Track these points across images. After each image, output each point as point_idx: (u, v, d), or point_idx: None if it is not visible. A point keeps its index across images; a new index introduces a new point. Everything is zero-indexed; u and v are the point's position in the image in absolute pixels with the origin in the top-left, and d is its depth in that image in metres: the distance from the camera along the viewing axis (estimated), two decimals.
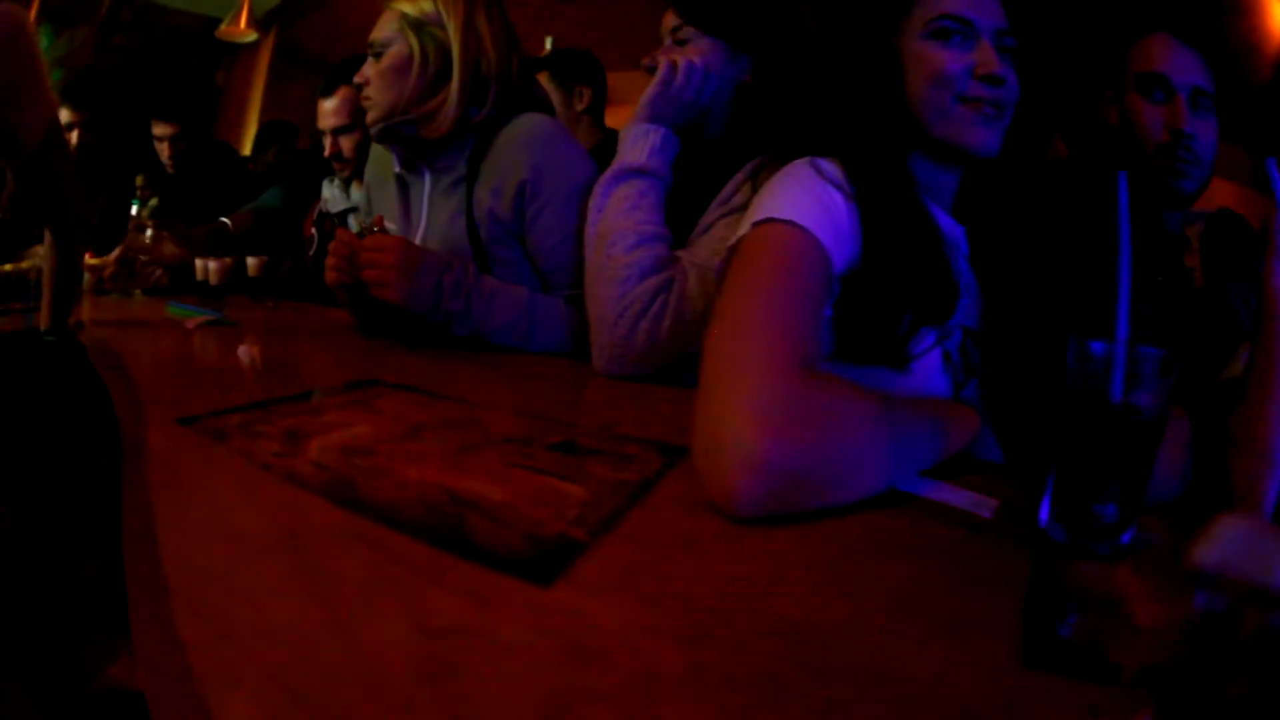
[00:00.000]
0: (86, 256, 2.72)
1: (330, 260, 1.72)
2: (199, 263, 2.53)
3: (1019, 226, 1.17)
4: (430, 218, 1.86)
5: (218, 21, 5.87)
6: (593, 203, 1.52)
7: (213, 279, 2.49)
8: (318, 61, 6.55)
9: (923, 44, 1.12)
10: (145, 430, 1.05)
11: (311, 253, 2.95)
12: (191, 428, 1.05)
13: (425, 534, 0.71)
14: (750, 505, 0.74)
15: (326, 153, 2.77)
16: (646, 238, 1.45)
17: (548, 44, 4.85)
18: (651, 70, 1.53)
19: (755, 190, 1.23)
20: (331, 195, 2.90)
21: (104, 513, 1.87)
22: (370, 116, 1.77)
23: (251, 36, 5.76)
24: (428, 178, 1.86)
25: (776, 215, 1.00)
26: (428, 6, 1.72)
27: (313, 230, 2.98)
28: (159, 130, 3.16)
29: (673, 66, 1.49)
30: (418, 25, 1.70)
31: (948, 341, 1.10)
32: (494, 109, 1.75)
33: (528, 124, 1.74)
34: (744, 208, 1.22)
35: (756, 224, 1.02)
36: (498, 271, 1.76)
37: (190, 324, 2.01)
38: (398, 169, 1.89)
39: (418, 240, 1.86)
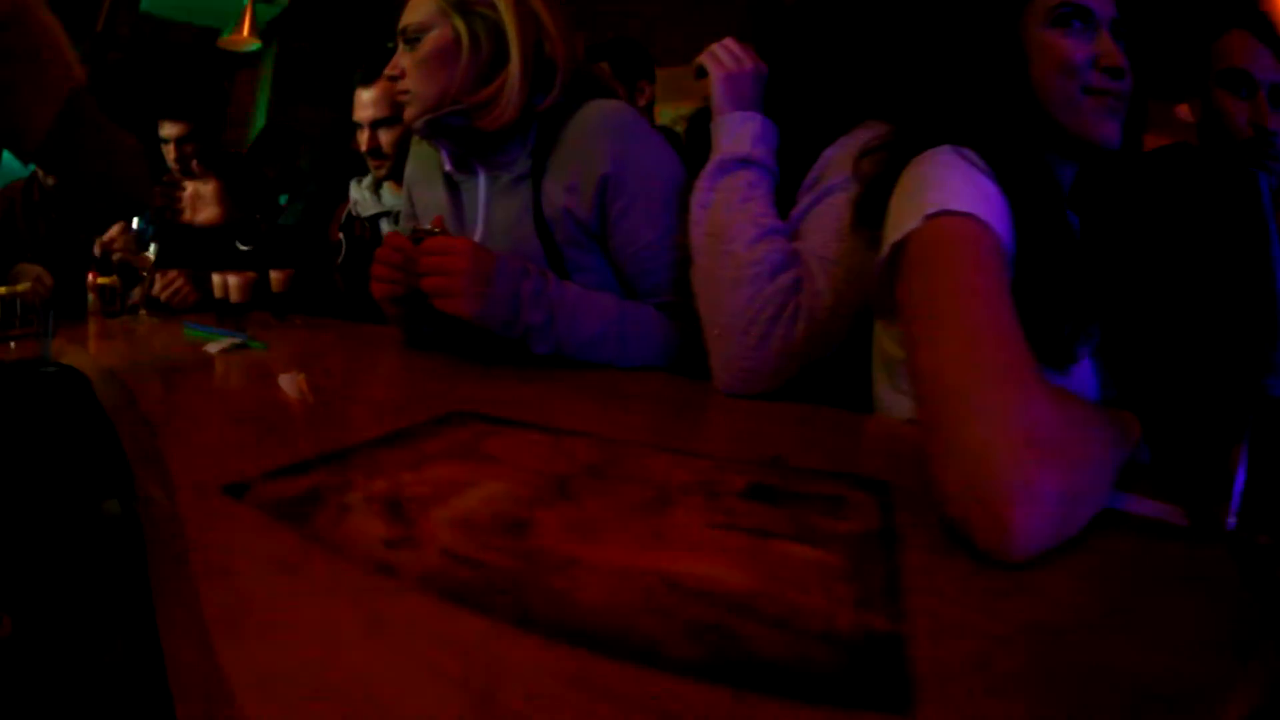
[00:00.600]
0: (91, 276, 2.58)
1: (379, 269, 1.58)
2: (217, 278, 2.24)
3: (1135, 219, 1.17)
4: (489, 220, 1.68)
5: (213, 33, 5.73)
6: (696, 199, 1.40)
7: (234, 296, 2.21)
8: (323, 77, 6.49)
9: (1046, 31, 1.10)
10: (175, 499, 0.75)
11: (340, 260, 2.70)
12: (243, 500, 0.74)
13: (677, 662, 0.48)
14: (1033, 543, 0.65)
15: (364, 147, 2.51)
16: (767, 230, 1.32)
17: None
18: (702, 73, 1.48)
19: (859, 177, 1.22)
20: (360, 197, 2.64)
21: (122, 585, 1.62)
22: (410, 112, 1.61)
23: (255, 45, 5.58)
24: (482, 176, 1.68)
25: (952, 207, 0.93)
26: None
27: (340, 236, 2.70)
28: (166, 131, 2.88)
29: (725, 51, 1.46)
30: (461, 6, 1.54)
31: (1091, 342, 1.08)
32: (561, 96, 1.59)
33: (602, 111, 1.58)
34: (843, 189, 1.27)
35: (930, 216, 0.93)
36: (576, 279, 1.58)
37: (213, 349, 1.75)
38: (448, 167, 1.72)
39: None
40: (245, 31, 5.26)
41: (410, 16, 1.57)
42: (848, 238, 1.27)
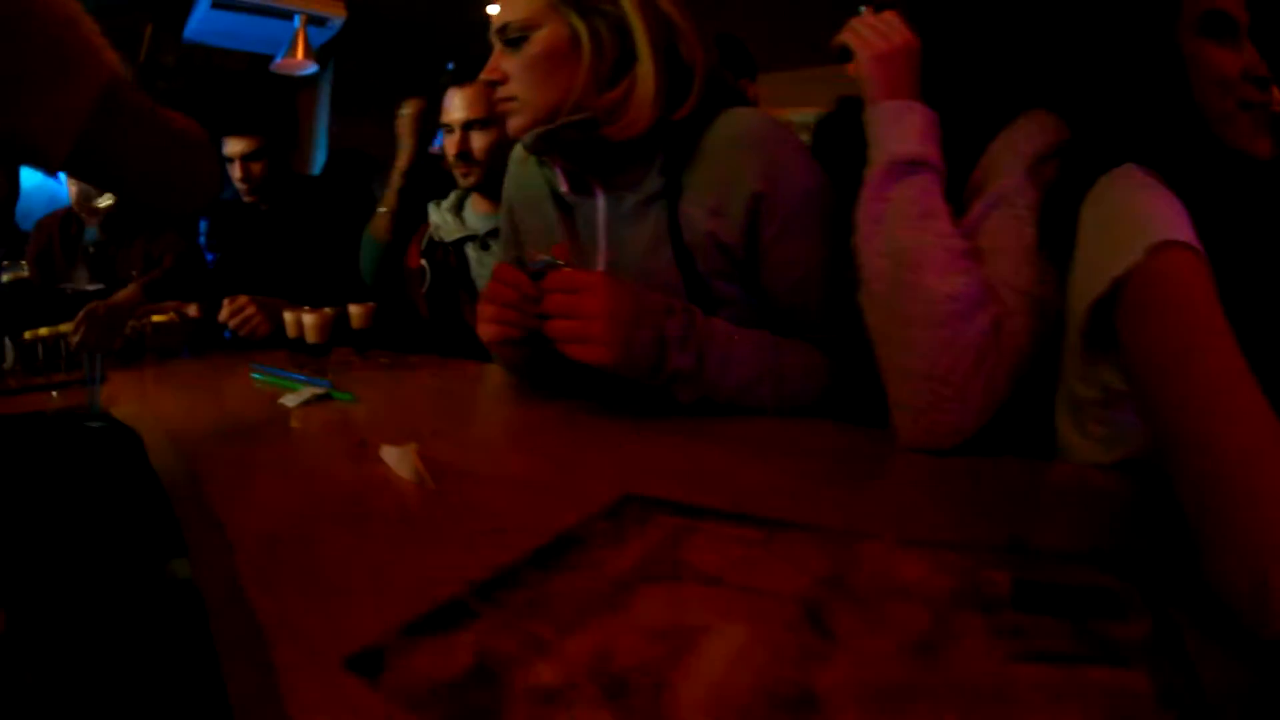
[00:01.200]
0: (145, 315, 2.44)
1: (489, 309, 1.34)
2: (289, 316, 2.00)
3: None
4: (613, 248, 1.50)
5: (265, 59, 5.59)
6: (865, 212, 1.21)
7: (310, 336, 1.96)
8: (382, 94, 6.39)
9: (1198, 42, 1.06)
10: (269, 667, 0.51)
11: (424, 290, 2.47)
12: (378, 685, 0.48)
13: None
14: None
15: (452, 151, 2.30)
16: (958, 255, 1.14)
17: None
18: (845, 55, 1.31)
19: (1038, 185, 1.17)
20: (441, 221, 2.43)
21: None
22: (517, 122, 1.42)
23: (310, 68, 5.42)
24: (602, 197, 1.50)
25: (1175, 238, 0.89)
26: None
27: (422, 262, 2.48)
28: (231, 148, 2.70)
29: (870, 27, 1.30)
30: (577, 3, 1.37)
31: None
32: (697, 103, 1.41)
33: (743, 122, 1.41)
34: (1021, 198, 1.17)
35: (1153, 249, 0.88)
36: (720, 314, 1.40)
37: (290, 402, 1.51)
38: (564, 189, 1.53)
39: None
40: (300, 54, 5.14)
41: (511, 13, 1.39)
42: (1035, 262, 1.14)
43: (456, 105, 2.29)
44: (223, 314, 2.36)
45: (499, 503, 0.91)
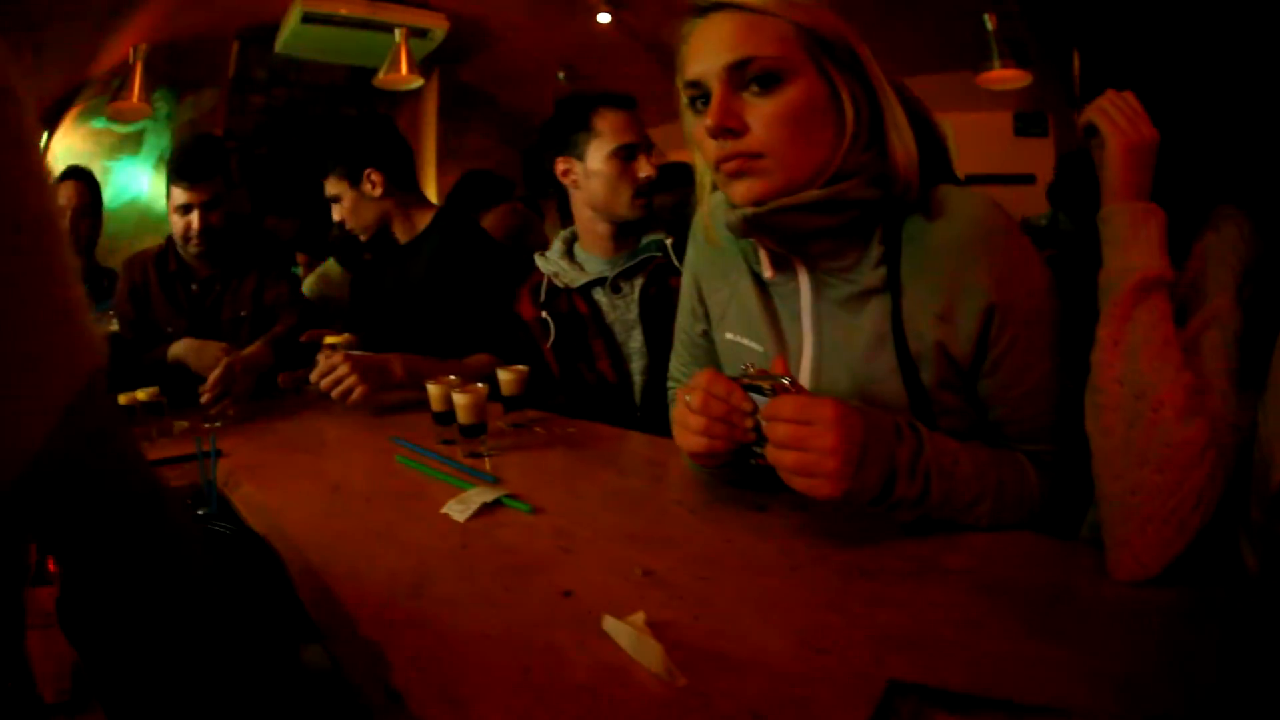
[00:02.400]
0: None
1: (695, 420, 1.23)
2: (434, 389, 1.76)
3: None
4: (821, 342, 1.38)
5: (367, 72, 5.51)
6: (1107, 331, 1.17)
7: (464, 416, 1.69)
8: (491, 105, 6.29)
9: None
10: None
11: (550, 343, 2.31)
12: None
13: None
14: None
15: (645, 173, 2.22)
16: (1195, 393, 1.12)
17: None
18: (1091, 133, 1.24)
19: (1241, 303, 1.15)
20: (559, 269, 2.31)
21: None
22: (764, 185, 1.25)
23: (416, 83, 5.33)
24: (805, 278, 1.38)
25: None
26: (827, 19, 1.26)
27: (542, 314, 2.32)
28: (335, 188, 2.59)
29: (1122, 111, 1.22)
30: (827, 47, 1.25)
31: None
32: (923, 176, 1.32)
33: (974, 213, 1.29)
34: (1225, 324, 1.15)
35: None
36: (941, 424, 1.32)
37: (458, 513, 1.30)
38: (769, 274, 1.40)
39: (804, 376, 1.39)
40: (404, 70, 5.06)
41: (754, 48, 1.23)
42: (1238, 390, 1.13)
43: (630, 127, 2.24)
44: (314, 374, 2.21)
45: (756, 697, 0.80)
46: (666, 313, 2.11)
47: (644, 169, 2.21)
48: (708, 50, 1.26)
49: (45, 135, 5.08)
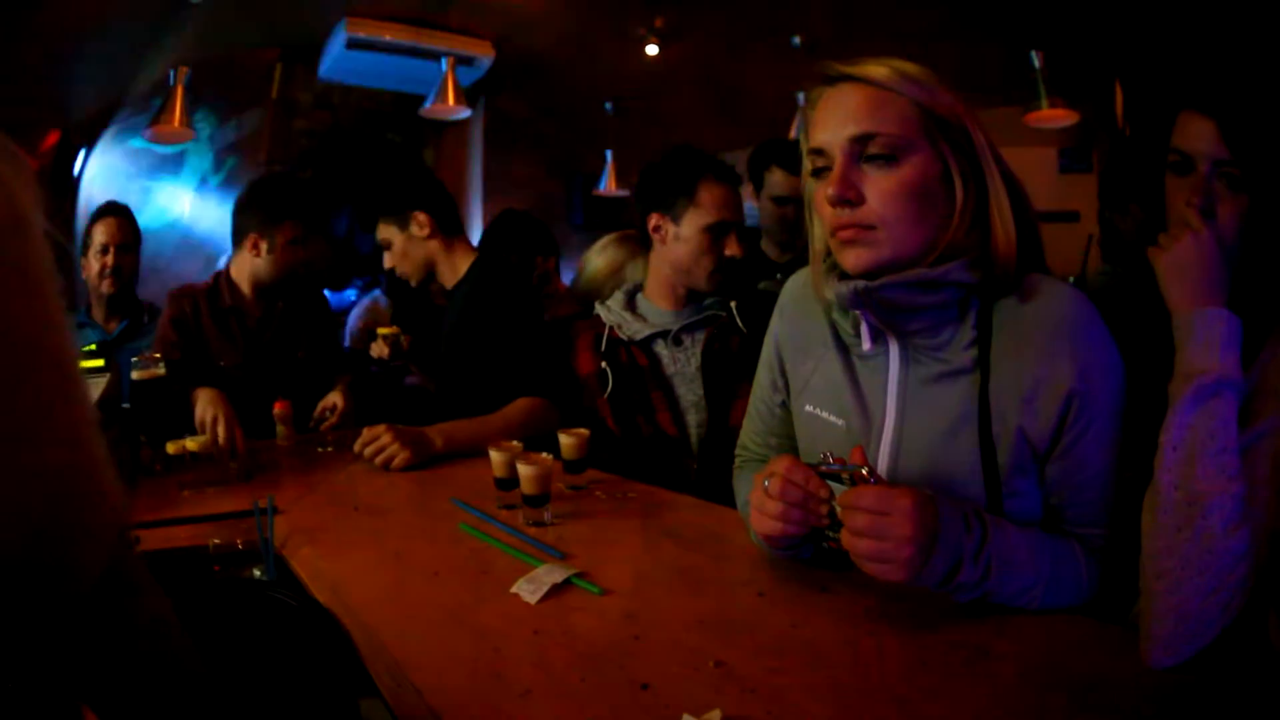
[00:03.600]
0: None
1: (772, 505, 1.30)
2: (498, 456, 1.78)
3: None
4: (904, 417, 1.42)
5: (412, 97, 5.58)
6: (1166, 436, 1.20)
7: (528, 488, 1.69)
8: (536, 134, 6.32)
9: None
10: None
11: (607, 395, 2.34)
12: None
13: None
14: None
15: (735, 252, 2.29)
16: (1244, 501, 1.16)
17: None
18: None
19: None
20: (620, 320, 2.36)
21: None
22: (873, 255, 1.33)
23: (462, 113, 5.37)
24: (897, 356, 1.42)
25: None
26: (945, 100, 1.35)
27: (601, 365, 2.35)
28: (384, 232, 2.64)
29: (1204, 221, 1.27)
30: (944, 127, 1.33)
31: None
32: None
33: (1063, 300, 1.37)
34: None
35: None
36: (1006, 506, 1.37)
37: (529, 594, 1.31)
38: (867, 345, 1.45)
39: (884, 452, 1.43)
40: (451, 100, 5.09)
41: (877, 124, 1.31)
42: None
43: (730, 204, 2.29)
44: (358, 443, 2.26)
45: None
46: (726, 369, 2.16)
47: (731, 248, 2.26)
48: (833, 120, 1.33)
49: (83, 153, 5.17)
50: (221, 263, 5.22)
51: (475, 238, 5.70)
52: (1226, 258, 1.27)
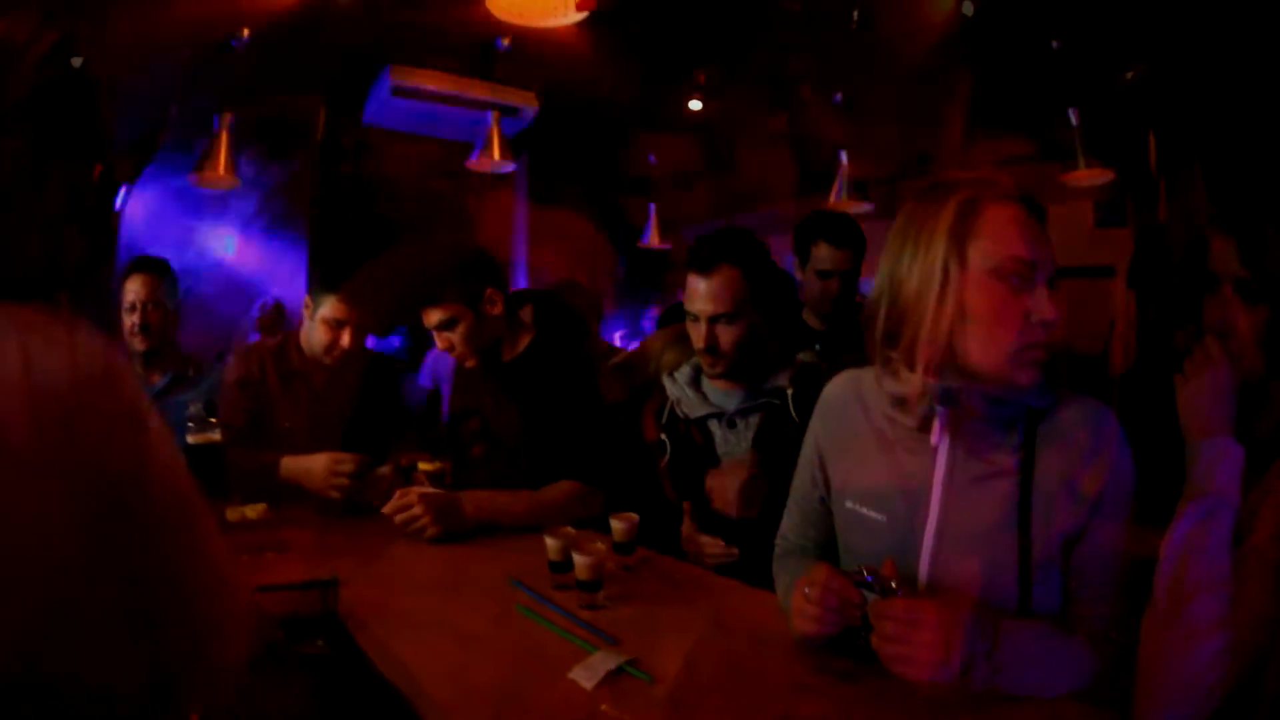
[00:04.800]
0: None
1: (810, 608, 1.47)
2: (552, 541, 1.90)
3: None
4: (947, 510, 1.52)
5: (453, 145, 5.72)
6: (1170, 542, 1.39)
7: (583, 574, 1.79)
8: (579, 185, 6.41)
9: None
10: None
11: (665, 463, 2.42)
12: None
13: None
14: None
15: (700, 343, 2.27)
16: (1230, 606, 1.34)
17: None
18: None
19: None
20: (683, 396, 2.40)
21: None
22: (1037, 372, 1.46)
23: (508, 167, 5.41)
24: (945, 453, 1.52)
25: None
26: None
27: (661, 436, 2.43)
28: (432, 319, 2.62)
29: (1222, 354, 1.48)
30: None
31: None
32: None
33: (1094, 412, 1.52)
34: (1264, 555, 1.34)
35: None
36: (1034, 593, 1.49)
37: (585, 680, 1.41)
38: (934, 439, 1.53)
39: (926, 545, 1.53)
40: (497, 154, 5.11)
41: (1046, 250, 1.44)
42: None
43: (703, 296, 2.24)
44: (388, 507, 2.32)
45: None
46: (775, 455, 2.20)
47: (696, 338, 2.30)
48: (1030, 239, 1.42)
49: (124, 188, 5.15)
50: (257, 308, 5.36)
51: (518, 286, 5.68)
52: (1237, 388, 1.45)
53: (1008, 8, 4.12)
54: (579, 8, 2.31)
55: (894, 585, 1.41)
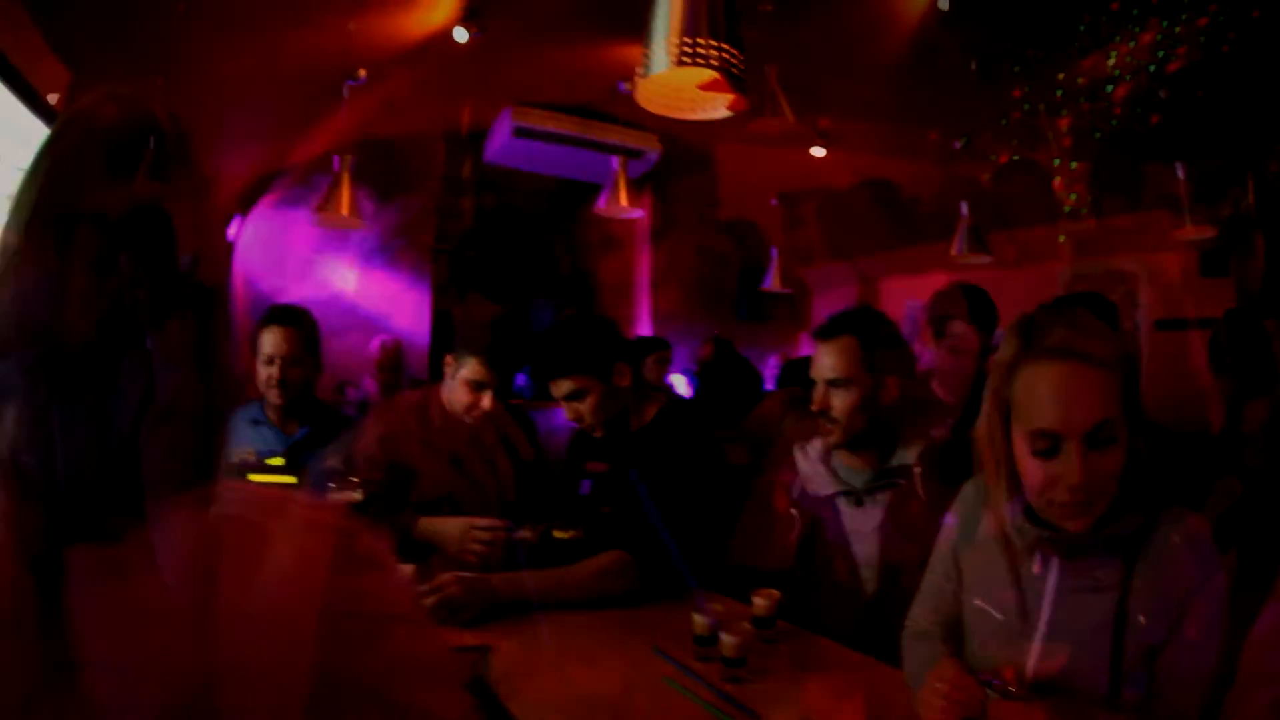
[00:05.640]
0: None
1: (937, 702, 1.56)
2: (700, 619, 1.95)
3: None
4: (1054, 623, 1.64)
5: (574, 184, 5.84)
6: (1255, 636, 1.49)
7: (728, 652, 1.84)
8: (701, 228, 6.46)
9: None
10: None
11: (797, 536, 2.44)
12: None
13: None
14: None
15: (816, 405, 2.36)
16: None
17: None
18: None
19: None
20: (813, 472, 2.46)
21: None
22: (1084, 522, 1.57)
23: (636, 214, 5.45)
24: (1057, 569, 1.64)
25: None
26: (1132, 364, 1.60)
27: (793, 511, 2.46)
28: (560, 390, 2.66)
29: None
30: (1130, 388, 1.58)
31: None
32: None
33: (1189, 526, 1.59)
34: None
35: None
36: (1124, 691, 1.57)
37: None
38: (1035, 569, 1.67)
39: (1035, 647, 1.64)
40: (623, 199, 5.03)
41: (1108, 406, 1.52)
42: None
43: (822, 361, 2.37)
44: (422, 588, 2.23)
45: None
46: (902, 535, 2.24)
47: (815, 400, 2.38)
48: (1063, 407, 1.51)
49: (238, 218, 5.37)
50: (378, 346, 5.46)
51: (641, 331, 5.70)
52: None
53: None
54: (731, 108, 2.35)
55: (1013, 689, 1.52)
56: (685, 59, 2.07)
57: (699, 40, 2.07)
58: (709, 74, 2.21)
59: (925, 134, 5.32)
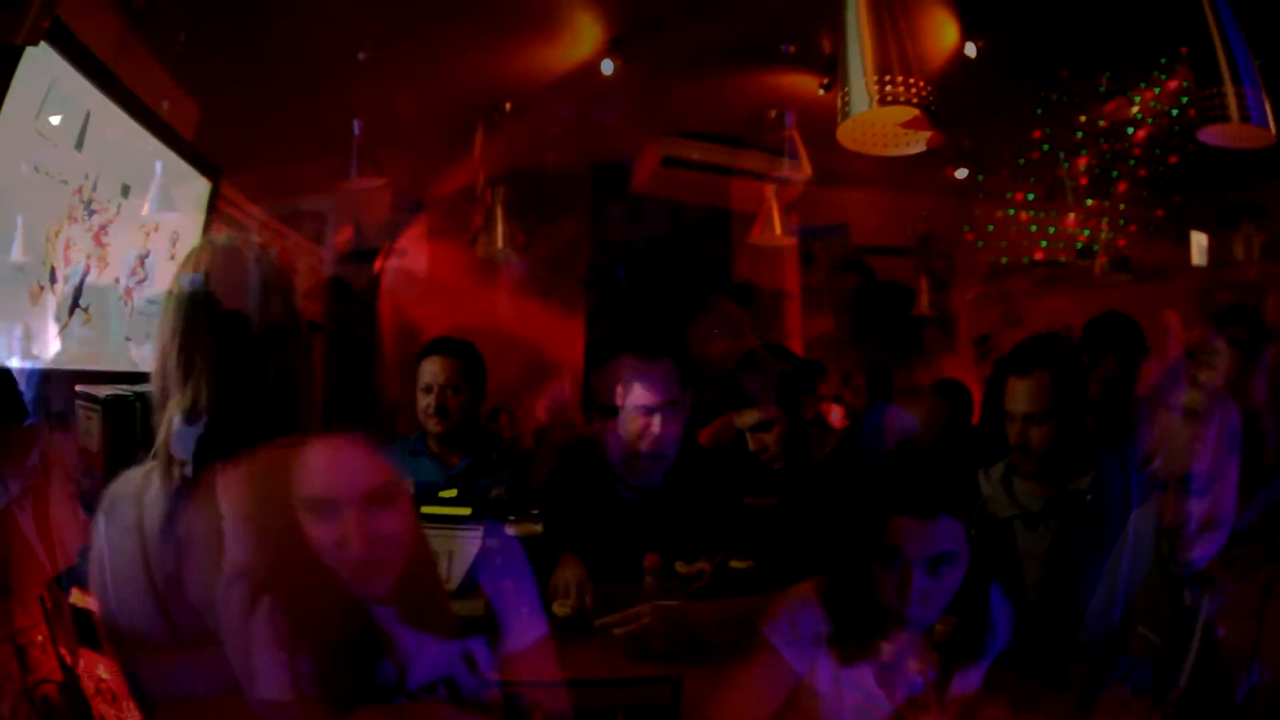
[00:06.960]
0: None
1: None
2: None
3: None
4: (1207, 638, 1.79)
5: (724, 212, 5.90)
6: None
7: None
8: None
9: None
10: None
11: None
12: None
13: None
14: None
15: (1014, 440, 2.43)
16: None
17: None
18: None
19: None
20: (994, 493, 2.50)
21: None
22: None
23: (790, 241, 5.51)
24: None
25: None
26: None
27: (972, 532, 2.39)
28: (753, 417, 2.74)
29: None
30: None
31: None
32: None
33: None
34: None
35: None
36: None
37: None
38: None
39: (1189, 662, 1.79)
40: (778, 229, 5.09)
41: None
42: None
43: (1018, 397, 2.42)
44: (614, 615, 2.29)
45: None
46: (1070, 560, 2.29)
47: (1011, 434, 2.46)
48: None
49: (388, 246, 5.58)
50: (555, 403, 5.50)
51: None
52: None
53: None
54: (930, 144, 2.39)
55: None
56: (889, 99, 2.12)
57: (897, 79, 2.10)
58: (906, 111, 2.24)
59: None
